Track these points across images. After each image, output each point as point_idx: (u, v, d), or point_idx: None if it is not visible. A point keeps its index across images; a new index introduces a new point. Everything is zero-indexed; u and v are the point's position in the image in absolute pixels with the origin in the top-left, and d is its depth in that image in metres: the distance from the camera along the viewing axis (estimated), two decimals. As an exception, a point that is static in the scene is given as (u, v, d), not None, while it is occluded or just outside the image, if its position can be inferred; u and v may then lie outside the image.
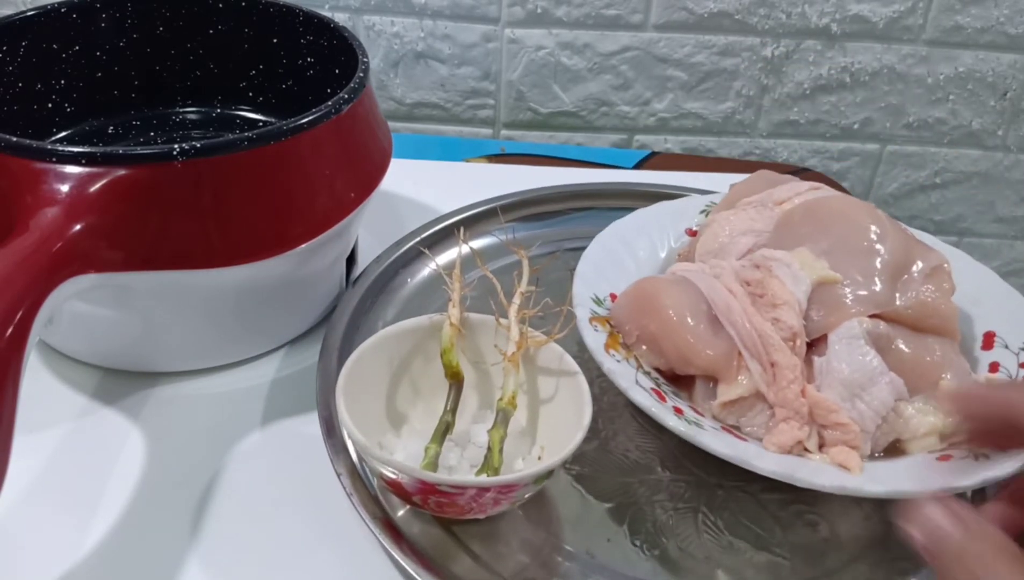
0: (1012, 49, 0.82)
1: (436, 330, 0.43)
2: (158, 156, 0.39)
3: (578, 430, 0.37)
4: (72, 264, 0.37)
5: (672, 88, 0.84)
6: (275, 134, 0.41)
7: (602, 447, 0.45)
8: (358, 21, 0.79)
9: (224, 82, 0.61)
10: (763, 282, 0.43)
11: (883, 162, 0.89)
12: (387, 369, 0.43)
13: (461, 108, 0.84)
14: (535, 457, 0.41)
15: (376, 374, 0.42)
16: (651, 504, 0.42)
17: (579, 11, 0.79)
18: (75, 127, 0.58)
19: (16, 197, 0.38)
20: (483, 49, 0.80)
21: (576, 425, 0.38)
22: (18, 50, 0.52)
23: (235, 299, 0.46)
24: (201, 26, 0.59)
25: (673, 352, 0.43)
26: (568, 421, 0.39)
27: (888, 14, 0.80)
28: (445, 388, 0.42)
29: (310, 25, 0.56)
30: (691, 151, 0.88)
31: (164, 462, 0.43)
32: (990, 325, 0.47)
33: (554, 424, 0.41)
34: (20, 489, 0.41)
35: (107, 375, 0.48)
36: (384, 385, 0.43)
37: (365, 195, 0.47)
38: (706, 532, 0.41)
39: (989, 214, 0.93)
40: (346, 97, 0.45)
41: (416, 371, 0.43)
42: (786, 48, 0.82)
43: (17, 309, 0.34)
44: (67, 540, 0.39)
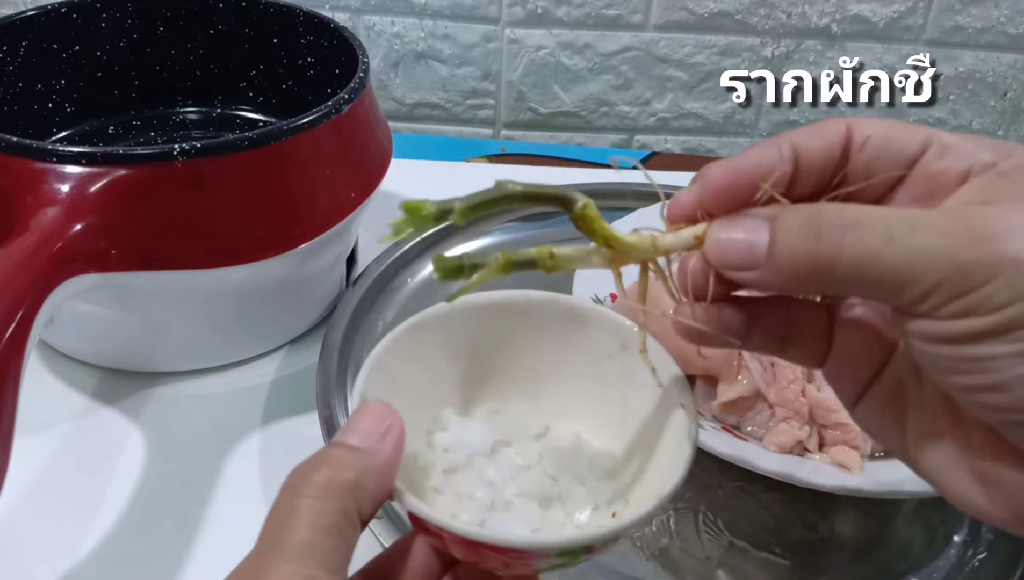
0: (1012, 49, 0.82)
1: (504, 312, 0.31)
2: (158, 156, 0.39)
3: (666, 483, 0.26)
4: (72, 264, 0.37)
5: (672, 88, 0.84)
6: (275, 134, 0.41)
7: (602, 447, 0.45)
8: (358, 21, 0.79)
9: (224, 82, 0.61)
10: (763, 282, 0.43)
11: (883, 162, 0.89)
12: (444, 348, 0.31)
13: (461, 108, 0.84)
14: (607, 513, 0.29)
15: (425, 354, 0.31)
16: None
17: (579, 11, 0.78)
18: (75, 127, 0.58)
19: (17, 197, 0.38)
20: (483, 49, 0.80)
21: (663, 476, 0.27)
22: (18, 50, 0.52)
23: (235, 299, 0.46)
24: (201, 26, 0.59)
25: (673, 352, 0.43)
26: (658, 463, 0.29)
27: (888, 14, 0.80)
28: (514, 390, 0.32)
29: (310, 25, 0.56)
30: (691, 151, 0.88)
31: (164, 462, 0.43)
32: (990, 325, 0.47)
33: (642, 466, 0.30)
34: (20, 489, 0.41)
35: (107, 375, 0.48)
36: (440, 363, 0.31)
37: (365, 195, 0.47)
38: (706, 532, 0.41)
39: (989, 214, 0.93)
40: (346, 97, 0.45)
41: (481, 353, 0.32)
42: (786, 48, 0.82)
43: (17, 309, 0.34)
44: (67, 540, 0.39)
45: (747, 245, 0.22)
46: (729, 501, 0.42)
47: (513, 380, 0.32)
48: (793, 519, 0.42)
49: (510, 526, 0.27)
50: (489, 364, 0.32)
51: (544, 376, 0.32)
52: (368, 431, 0.25)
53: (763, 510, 0.42)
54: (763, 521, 0.41)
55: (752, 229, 0.22)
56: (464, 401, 0.32)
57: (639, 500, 0.28)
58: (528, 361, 0.32)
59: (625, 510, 0.29)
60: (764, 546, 0.40)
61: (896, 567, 0.40)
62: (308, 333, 0.52)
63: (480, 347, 0.31)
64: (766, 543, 0.40)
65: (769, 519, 0.41)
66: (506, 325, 0.31)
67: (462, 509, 0.28)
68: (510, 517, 0.28)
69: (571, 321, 0.31)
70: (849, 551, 0.40)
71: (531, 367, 0.32)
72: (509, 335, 0.31)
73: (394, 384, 0.29)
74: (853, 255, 0.20)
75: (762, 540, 0.40)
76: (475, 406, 0.32)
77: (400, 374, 0.29)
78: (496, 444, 0.31)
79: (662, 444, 0.29)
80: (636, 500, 0.29)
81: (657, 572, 0.39)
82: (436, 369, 0.31)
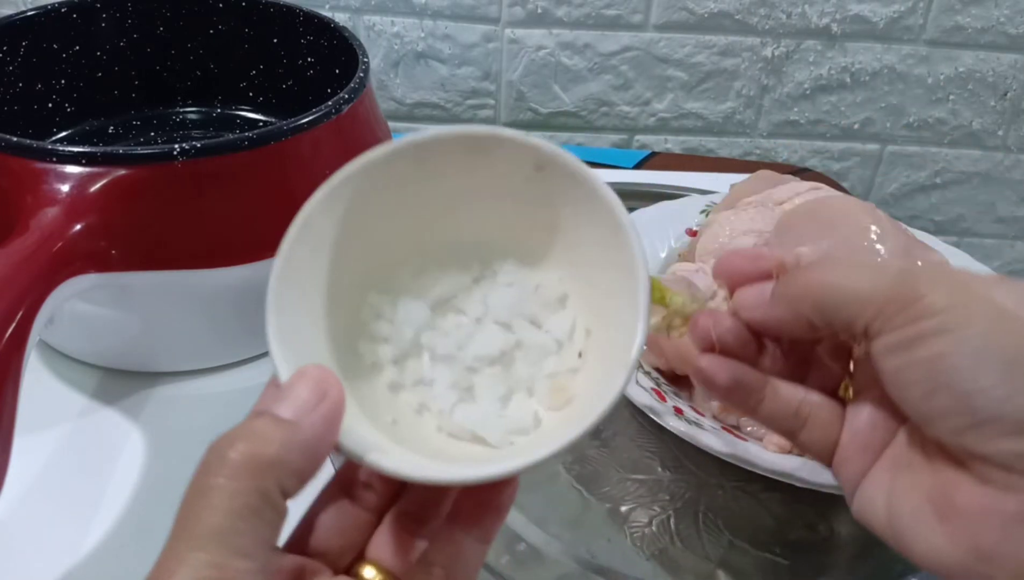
0: (1012, 49, 0.82)
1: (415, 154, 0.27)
2: (158, 156, 0.39)
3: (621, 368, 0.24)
4: (72, 264, 0.37)
5: (672, 88, 0.84)
6: (275, 134, 0.41)
7: (602, 447, 0.45)
8: (358, 21, 0.79)
9: (224, 82, 0.61)
10: (763, 282, 0.43)
11: (883, 162, 0.89)
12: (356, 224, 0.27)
13: (461, 108, 0.84)
14: (573, 351, 0.28)
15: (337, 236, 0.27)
16: (651, 504, 0.42)
17: (579, 11, 0.78)
18: (75, 127, 0.58)
19: (17, 197, 0.38)
20: (483, 49, 0.80)
21: (623, 304, 0.25)
22: (18, 50, 0.52)
23: (235, 299, 0.46)
24: (201, 26, 0.59)
25: (673, 352, 0.43)
26: (610, 285, 0.26)
27: (888, 14, 0.80)
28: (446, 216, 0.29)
29: (310, 25, 0.56)
30: (691, 151, 0.88)
31: (164, 462, 0.43)
32: (990, 325, 0.47)
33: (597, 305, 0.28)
34: (20, 489, 0.41)
35: (107, 375, 0.48)
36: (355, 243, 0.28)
37: (365, 195, 0.47)
38: (706, 532, 0.41)
39: (989, 214, 0.93)
40: (346, 97, 0.45)
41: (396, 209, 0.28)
42: (786, 48, 0.82)
43: (17, 309, 0.34)
44: (67, 540, 0.39)
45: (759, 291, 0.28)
46: (729, 501, 0.42)
47: (429, 230, 0.29)
48: (793, 519, 0.42)
49: (478, 414, 0.27)
50: (399, 223, 0.29)
51: (462, 218, 0.29)
52: (301, 400, 0.23)
53: (763, 510, 0.42)
54: (763, 521, 0.41)
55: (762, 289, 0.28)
56: (385, 273, 0.29)
57: (602, 331, 0.27)
58: (438, 208, 0.29)
59: (588, 344, 0.28)
60: (764, 546, 0.40)
61: (896, 567, 0.40)
62: (308, 333, 0.52)
63: (376, 216, 0.28)
64: (766, 543, 0.40)
65: (769, 519, 0.41)
66: (399, 179, 0.27)
67: (430, 399, 0.27)
68: (475, 406, 0.27)
69: (472, 151, 0.27)
70: (849, 551, 0.40)
71: (443, 210, 0.29)
72: (408, 186, 0.28)
73: (304, 292, 0.26)
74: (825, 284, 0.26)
75: (762, 540, 0.40)
76: (399, 274, 0.29)
77: (308, 276, 0.27)
78: (435, 306, 0.29)
79: (607, 270, 0.26)
80: (599, 330, 0.28)
81: (657, 572, 0.39)
82: (349, 258, 0.28)
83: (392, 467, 0.23)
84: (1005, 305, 0.23)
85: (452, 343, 0.28)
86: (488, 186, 0.28)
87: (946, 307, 0.23)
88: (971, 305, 0.23)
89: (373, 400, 0.27)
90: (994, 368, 0.22)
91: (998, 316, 0.23)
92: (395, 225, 0.28)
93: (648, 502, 0.42)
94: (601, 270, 0.27)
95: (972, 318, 0.23)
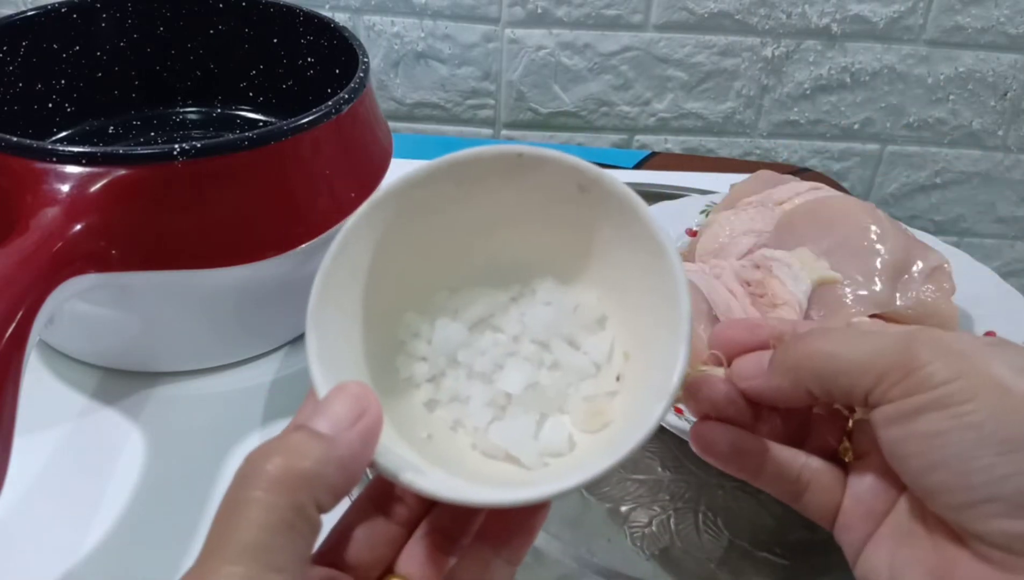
0: (1012, 49, 0.82)
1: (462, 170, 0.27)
2: (158, 156, 0.39)
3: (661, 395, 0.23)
4: (72, 264, 0.37)
5: (672, 88, 0.84)
6: (275, 134, 0.41)
7: (602, 447, 0.45)
8: (358, 21, 0.79)
9: (224, 82, 0.61)
10: (763, 282, 0.43)
11: (883, 162, 0.89)
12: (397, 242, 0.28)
13: (461, 108, 0.84)
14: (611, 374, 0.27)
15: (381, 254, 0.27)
16: (651, 504, 0.42)
17: (579, 11, 0.78)
18: (75, 127, 0.58)
19: (17, 197, 0.38)
20: (483, 49, 0.80)
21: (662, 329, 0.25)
22: (18, 50, 0.52)
23: (235, 299, 0.46)
24: (201, 26, 0.59)
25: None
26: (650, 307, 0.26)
27: (888, 14, 0.80)
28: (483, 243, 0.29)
29: (310, 25, 0.56)
30: (691, 151, 0.88)
31: (164, 462, 0.43)
32: (990, 325, 0.47)
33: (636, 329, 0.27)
34: (20, 489, 0.41)
35: (107, 375, 0.48)
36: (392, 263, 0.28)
37: (365, 195, 0.47)
38: (706, 532, 0.41)
39: (989, 214, 0.93)
40: (346, 97, 0.45)
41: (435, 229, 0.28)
42: (786, 48, 0.82)
43: (17, 309, 0.34)
44: (67, 540, 0.39)
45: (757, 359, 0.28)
46: (729, 501, 0.42)
47: (468, 248, 0.29)
48: (793, 519, 0.42)
49: (514, 434, 0.26)
50: (437, 242, 0.28)
51: (502, 237, 0.29)
52: (339, 417, 0.23)
53: (763, 510, 0.42)
54: (763, 521, 0.41)
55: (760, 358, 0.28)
56: (422, 292, 0.29)
57: (641, 355, 0.27)
58: (478, 227, 0.29)
59: (627, 367, 0.27)
60: (764, 546, 0.40)
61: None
62: (308, 333, 0.52)
63: (416, 236, 0.28)
64: (766, 543, 0.40)
65: (769, 519, 0.41)
66: (440, 198, 0.27)
67: (465, 416, 0.27)
68: (511, 424, 0.27)
69: (512, 168, 0.27)
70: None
71: (483, 232, 0.29)
72: (448, 204, 0.28)
73: (342, 309, 0.26)
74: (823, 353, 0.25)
75: (762, 540, 0.40)
76: (437, 293, 0.29)
77: (345, 308, 0.26)
78: (473, 326, 0.28)
79: (648, 294, 0.26)
80: (637, 354, 0.27)
81: (657, 572, 0.39)
82: (387, 278, 0.28)
83: (428, 488, 0.23)
84: (1004, 379, 0.22)
85: (489, 361, 0.27)
86: (528, 205, 0.28)
87: (946, 379, 0.23)
88: (971, 378, 0.23)
89: (409, 416, 0.27)
90: (993, 447, 0.22)
91: (998, 392, 0.22)
92: (434, 244, 0.28)
93: (648, 502, 0.42)
94: (641, 294, 0.27)
95: (972, 394, 0.22)
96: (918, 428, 0.23)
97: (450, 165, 0.27)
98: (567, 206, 0.27)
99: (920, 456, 0.23)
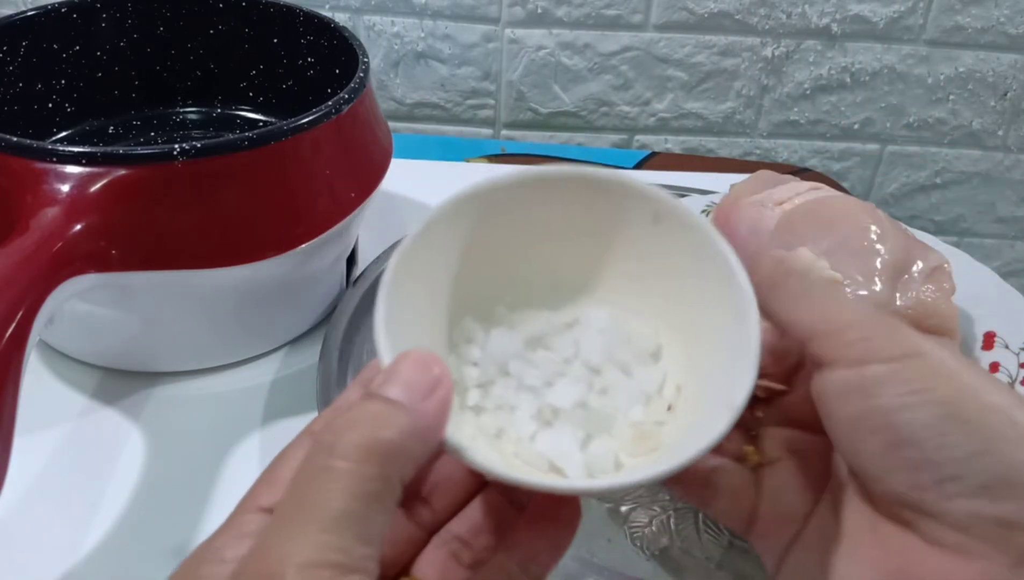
0: (1012, 49, 0.82)
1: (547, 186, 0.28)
2: (158, 156, 0.39)
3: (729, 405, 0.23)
4: (72, 264, 0.37)
5: (672, 88, 0.84)
6: (275, 134, 0.41)
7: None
8: (358, 21, 0.79)
9: (224, 82, 0.61)
10: (763, 282, 0.43)
11: (883, 162, 0.89)
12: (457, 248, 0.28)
13: (461, 108, 0.84)
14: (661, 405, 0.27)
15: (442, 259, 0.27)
16: (651, 504, 0.42)
17: (579, 11, 0.78)
18: (75, 127, 0.58)
19: (17, 197, 0.38)
20: (483, 49, 0.80)
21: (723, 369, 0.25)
22: (18, 50, 0.52)
23: (235, 299, 0.46)
24: (201, 26, 0.59)
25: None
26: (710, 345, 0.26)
27: (888, 14, 0.80)
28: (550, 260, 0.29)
29: (310, 25, 0.56)
30: (691, 151, 0.88)
31: (164, 462, 0.43)
32: (990, 325, 0.47)
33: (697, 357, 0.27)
34: (20, 489, 0.41)
35: (107, 375, 0.48)
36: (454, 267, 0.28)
37: (365, 195, 0.47)
38: (706, 532, 0.41)
39: (989, 214, 0.93)
40: (346, 97, 0.45)
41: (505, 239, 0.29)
42: (786, 48, 0.82)
43: (18, 309, 0.34)
44: (67, 540, 0.39)
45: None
46: (729, 501, 0.42)
47: (534, 268, 0.29)
48: (793, 519, 0.42)
49: (559, 444, 0.26)
50: (505, 253, 0.28)
51: (568, 259, 0.29)
52: (412, 383, 0.22)
53: (763, 510, 0.42)
54: (763, 521, 0.41)
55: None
56: (485, 302, 0.29)
57: (696, 389, 0.27)
58: (548, 244, 0.29)
59: (679, 400, 0.27)
60: (764, 546, 0.40)
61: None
62: (308, 333, 0.52)
63: (491, 240, 0.28)
64: (766, 543, 0.40)
65: (769, 519, 0.41)
66: (518, 208, 0.28)
67: (510, 425, 0.27)
68: (556, 435, 0.26)
69: (593, 194, 0.27)
70: (849, 551, 0.40)
71: (552, 251, 0.29)
72: (523, 219, 0.28)
73: (412, 305, 0.26)
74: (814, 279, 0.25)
75: (762, 540, 0.40)
76: (498, 305, 0.29)
77: (415, 291, 0.26)
78: (527, 342, 0.28)
79: (712, 323, 0.26)
80: (691, 387, 0.27)
81: (657, 572, 0.39)
82: (453, 275, 0.28)
83: (499, 469, 0.22)
84: (954, 369, 0.22)
85: (539, 376, 0.27)
86: (599, 229, 0.28)
87: (906, 354, 0.22)
88: (927, 360, 0.22)
89: (456, 417, 0.26)
90: (961, 425, 0.21)
91: (952, 380, 0.22)
92: (502, 253, 0.29)
93: (648, 502, 0.42)
94: (704, 327, 0.26)
95: (930, 372, 0.22)
96: (880, 402, 0.22)
97: (535, 178, 0.27)
98: (638, 233, 0.27)
99: (885, 431, 0.22)
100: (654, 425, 0.27)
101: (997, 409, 0.22)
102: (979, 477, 0.21)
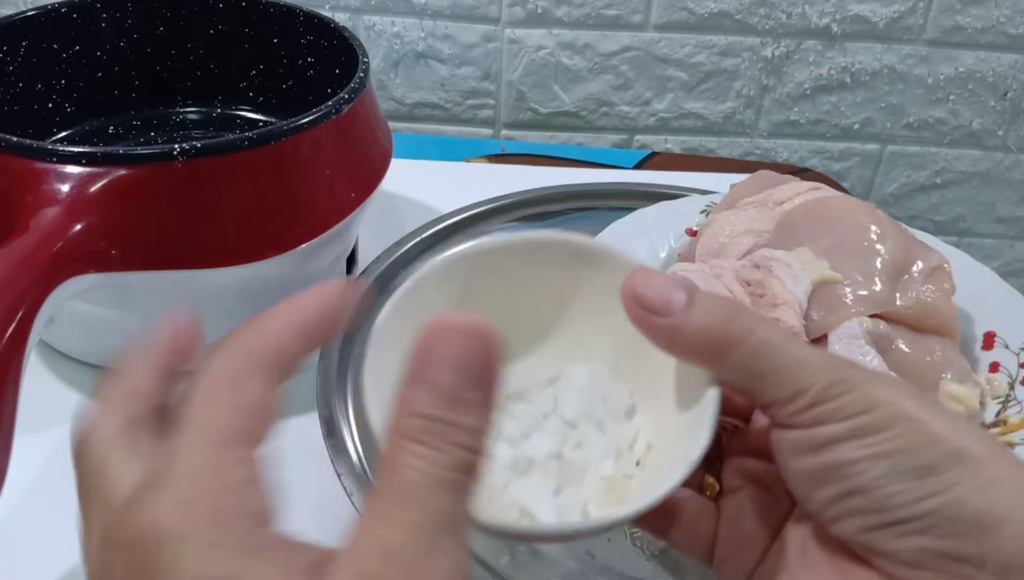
0: (1012, 49, 0.82)
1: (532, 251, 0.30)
2: (158, 156, 0.39)
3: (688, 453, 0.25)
4: (72, 264, 0.37)
5: (672, 88, 0.84)
6: (275, 134, 0.41)
7: (602, 447, 0.45)
8: (358, 21, 0.79)
9: (224, 82, 0.61)
10: (763, 282, 0.43)
11: (883, 162, 0.89)
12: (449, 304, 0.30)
13: (461, 108, 0.84)
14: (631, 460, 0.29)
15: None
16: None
17: (579, 11, 0.79)
18: (75, 127, 0.58)
19: (17, 197, 0.38)
20: (483, 49, 0.80)
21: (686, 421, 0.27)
22: (18, 50, 0.52)
23: (235, 299, 0.46)
24: (201, 26, 0.59)
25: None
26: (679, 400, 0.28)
27: (888, 14, 0.80)
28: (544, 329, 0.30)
29: (310, 25, 0.56)
30: (691, 151, 0.88)
31: (164, 462, 0.43)
32: (990, 325, 0.47)
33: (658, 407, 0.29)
34: (20, 489, 0.41)
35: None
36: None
37: (365, 195, 0.47)
38: (706, 532, 0.41)
39: (989, 214, 0.93)
40: (346, 97, 0.45)
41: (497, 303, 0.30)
42: (786, 48, 0.82)
43: (18, 309, 0.34)
44: (67, 540, 0.39)
45: (667, 295, 0.25)
46: (729, 501, 0.42)
47: (519, 327, 0.30)
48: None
49: (531, 491, 0.27)
50: (492, 314, 0.28)
51: (552, 320, 0.31)
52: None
53: (763, 510, 0.42)
54: (763, 521, 0.41)
55: (676, 285, 0.25)
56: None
57: (663, 446, 0.28)
58: (534, 306, 0.30)
59: (648, 456, 0.29)
60: (764, 546, 0.40)
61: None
62: (308, 333, 0.52)
63: (480, 297, 0.30)
64: (766, 543, 0.40)
65: (769, 519, 0.41)
66: (508, 270, 0.30)
67: (486, 473, 0.27)
68: (529, 483, 0.28)
69: (578, 260, 0.29)
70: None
71: (537, 312, 0.31)
72: (511, 280, 0.30)
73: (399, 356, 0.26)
74: (759, 341, 0.24)
75: (762, 540, 0.40)
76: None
77: (403, 343, 0.26)
78: (509, 396, 0.30)
79: (679, 385, 0.28)
80: (660, 445, 0.29)
81: (657, 572, 0.39)
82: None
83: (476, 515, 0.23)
84: (914, 413, 0.23)
85: (517, 428, 0.29)
86: (582, 293, 0.30)
87: (861, 410, 0.23)
88: (884, 409, 0.23)
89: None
90: (908, 474, 0.22)
91: (910, 424, 0.23)
92: (488, 310, 0.28)
93: (648, 502, 0.42)
94: (672, 389, 0.28)
95: (885, 424, 0.23)
96: (832, 458, 0.23)
97: (522, 242, 0.29)
98: (616, 299, 0.28)
99: (834, 484, 0.23)
100: (623, 478, 0.28)
101: (946, 450, 0.22)
102: (927, 519, 0.22)
